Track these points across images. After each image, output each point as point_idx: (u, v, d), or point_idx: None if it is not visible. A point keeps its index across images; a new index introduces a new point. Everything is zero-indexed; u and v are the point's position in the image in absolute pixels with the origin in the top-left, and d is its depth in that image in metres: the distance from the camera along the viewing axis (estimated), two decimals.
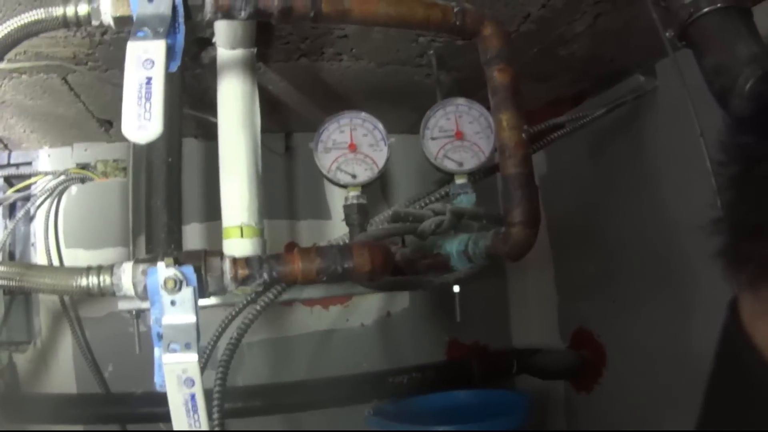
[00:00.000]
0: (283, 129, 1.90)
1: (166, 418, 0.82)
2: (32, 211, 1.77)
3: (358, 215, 1.16)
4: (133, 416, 1.70)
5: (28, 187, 1.80)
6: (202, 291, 0.85)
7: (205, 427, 0.83)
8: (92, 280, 0.81)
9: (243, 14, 0.84)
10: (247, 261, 0.83)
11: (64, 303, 1.73)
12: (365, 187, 1.21)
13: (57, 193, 1.78)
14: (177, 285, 0.81)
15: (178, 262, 0.83)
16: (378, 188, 1.91)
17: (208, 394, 1.00)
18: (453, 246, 1.03)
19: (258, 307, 1.10)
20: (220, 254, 0.85)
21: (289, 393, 1.76)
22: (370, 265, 0.80)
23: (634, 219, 1.60)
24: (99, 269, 0.82)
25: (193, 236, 1.75)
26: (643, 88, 1.50)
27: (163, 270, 0.81)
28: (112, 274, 0.82)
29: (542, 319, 2.03)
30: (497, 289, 2.09)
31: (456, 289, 1.22)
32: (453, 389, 1.80)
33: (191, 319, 0.81)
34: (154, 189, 1.25)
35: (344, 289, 1.21)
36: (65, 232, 1.79)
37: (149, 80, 0.71)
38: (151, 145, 1.19)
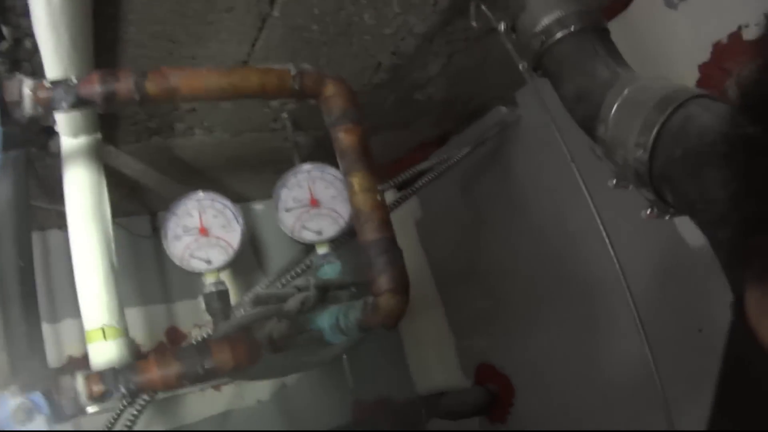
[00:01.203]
0: (148, 210, 1.81)
1: None
2: None
3: (219, 303, 1.10)
4: None
5: None
6: (58, 416, 0.77)
7: None
8: None
9: (65, 105, 0.80)
10: (101, 376, 0.76)
11: None
12: (223, 270, 1.16)
13: None
14: (27, 415, 0.73)
15: (25, 389, 0.75)
16: (252, 258, 1.85)
17: None
18: (324, 321, 0.98)
19: (136, 410, 1.01)
20: (71, 372, 0.77)
21: None
22: (233, 362, 0.75)
23: (514, 248, 1.62)
24: None
25: (70, 333, 1.62)
26: (505, 120, 1.52)
27: (10, 400, 0.73)
28: None
29: (442, 361, 2.00)
30: (390, 339, 2.05)
31: (344, 356, 1.18)
32: None
33: None
34: (9, 298, 1.15)
35: (223, 378, 1.14)
36: None
37: None
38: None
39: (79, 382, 0.76)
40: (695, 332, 1.20)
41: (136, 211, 1.77)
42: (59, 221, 1.65)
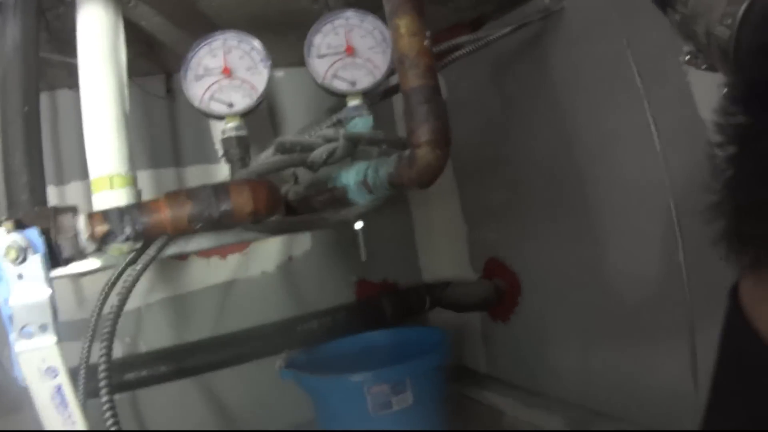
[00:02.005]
0: (163, 70, 1.72)
1: None
2: None
3: (238, 149, 1.02)
4: None
5: None
6: (54, 258, 0.71)
7: (80, 425, 0.71)
8: None
9: None
10: (105, 215, 0.69)
11: None
12: (245, 116, 1.07)
13: None
14: (21, 254, 0.67)
15: (20, 226, 0.68)
16: (268, 128, 1.77)
17: (93, 369, 0.87)
18: (350, 177, 0.90)
19: (139, 267, 0.94)
20: (73, 210, 0.70)
21: (196, 353, 1.64)
22: (252, 206, 0.67)
23: (541, 143, 1.52)
24: None
25: (76, 196, 1.58)
26: (549, 8, 1.40)
27: (2, 237, 0.67)
28: None
29: (452, 251, 1.96)
30: (402, 223, 2.01)
31: (358, 225, 1.12)
32: (366, 330, 1.72)
33: (43, 294, 0.67)
34: (10, 145, 1.07)
35: (235, 237, 1.07)
36: None
37: None
38: (2, 97, 1.01)
39: (81, 221, 0.69)
40: None
41: (152, 70, 1.68)
42: (70, 80, 1.57)
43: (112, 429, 0.79)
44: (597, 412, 1.44)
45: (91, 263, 1.07)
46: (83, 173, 1.56)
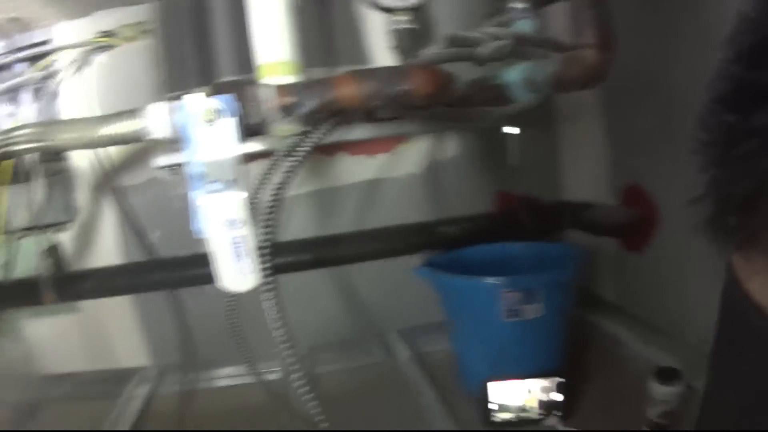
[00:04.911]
0: None
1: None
2: (57, 88, 1.68)
3: (409, 41, 1.05)
4: (182, 280, 1.69)
5: (51, 65, 1.70)
6: (244, 123, 0.78)
7: (254, 274, 0.78)
8: (119, 127, 0.74)
9: None
10: (292, 87, 0.75)
11: (102, 173, 1.69)
12: (416, 11, 1.09)
13: (81, 65, 1.68)
14: (215, 116, 0.74)
15: (216, 92, 0.75)
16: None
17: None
18: (514, 74, 0.92)
19: (307, 146, 0.99)
20: (262, 83, 0.76)
21: (338, 246, 1.73)
22: (429, 87, 0.71)
23: (701, 68, 1.43)
24: (125, 114, 0.75)
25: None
26: None
27: (198, 100, 0.74)
28: (140, 116, 0.74)
29: (593, 174, 1.92)
30: (547, 141, 1.99)
31: (510, 130, 1.12)
32: (503, 241, 1.74)
33: (234, 152, 0.74)
34: (183, 35, 1.15)
35: (393, 129, 1.11)
36: (95, 104, 1.70)
37: None
38: None
39: (270, 91, 0.75)
40: None
41: None
42: None
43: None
44: None
45: (253, 146, 1.13)
46: (237, 69, 1.65)
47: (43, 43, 1.71)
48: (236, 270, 0.78)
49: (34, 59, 1.71)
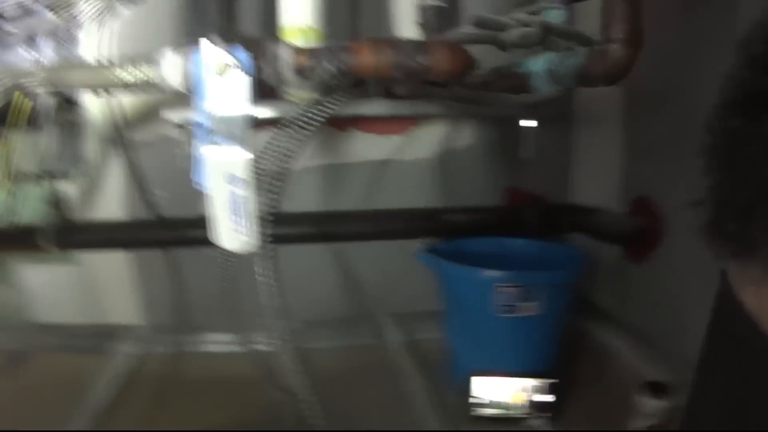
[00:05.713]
0: None
1: None
2: (78, 35, 1.66)
3: (436, 18, 1.03)
4: (184, 239, 1.68)
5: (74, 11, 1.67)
6: (257, 80, 0.76)
7: (252, 238, 0.77)
8: (132, 72, 0.73)
9: None
10: (311, 50, 0.73)
11: (114, 127, 1.67)
12: None
13: (104, 13, 1.66)
14: (227, 68, 0.72)
15: (228, 42, 0.73)
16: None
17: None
18: (537, 64, 0.90)
19: (320, 116, 0.96)
20: (280, 41, 0.74)
21: (340, 222, 1.72)
22: (448, 63, 0.69)
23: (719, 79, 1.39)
24: (139, 60, 0.73)
25: None
26: None
27: (213, 50, 0.72)
28: (153, 63, 0.73)
29: (605, 180, 1.89)
30: (562, 142, 1.97)
31: (527, 123, 1.10)
32: (507, 236, 1.73)
33: (243, 109, 0.72)
34: None
35: (408, 108, 1.09)
36: (115, 54, 1.67)
37: None
38: None
39: (287, 50, 0.73)
40: None
41: None
42: None
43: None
44: None
45: (265, 111, 1.12)
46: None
47: None
48: (233, 228, 0.76)
49: (56, 6, 1.69)
